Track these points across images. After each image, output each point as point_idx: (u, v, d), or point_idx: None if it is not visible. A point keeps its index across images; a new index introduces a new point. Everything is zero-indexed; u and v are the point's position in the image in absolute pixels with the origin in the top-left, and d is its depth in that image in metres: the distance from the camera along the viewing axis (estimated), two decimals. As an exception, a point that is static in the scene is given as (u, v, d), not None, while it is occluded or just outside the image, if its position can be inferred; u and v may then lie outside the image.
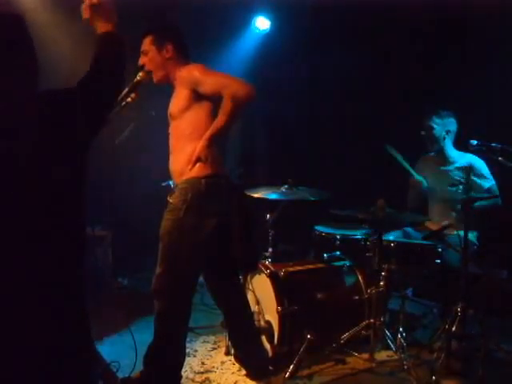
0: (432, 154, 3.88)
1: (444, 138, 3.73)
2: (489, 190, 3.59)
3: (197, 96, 2.51)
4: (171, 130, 2.63)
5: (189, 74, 2.54)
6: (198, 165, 2.48)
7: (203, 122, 2.51)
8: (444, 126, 3.72)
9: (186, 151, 2.52)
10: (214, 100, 2.48)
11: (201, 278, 2.75)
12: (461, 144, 3.71)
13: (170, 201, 2.55)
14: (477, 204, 3.09)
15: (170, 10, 4.41)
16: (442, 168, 3.79)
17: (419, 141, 3.84)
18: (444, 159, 3.79)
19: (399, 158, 3.68)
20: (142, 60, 2.66)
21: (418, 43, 4.54)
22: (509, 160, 3.08)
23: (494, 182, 3.64)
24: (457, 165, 3.73)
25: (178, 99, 2.57)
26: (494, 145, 3.13)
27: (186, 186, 2.51)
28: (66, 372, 1.58)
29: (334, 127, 5.09)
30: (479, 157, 3.66)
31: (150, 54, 2.65)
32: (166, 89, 2.71)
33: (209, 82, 2.48)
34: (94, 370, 1.98)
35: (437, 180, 3.78)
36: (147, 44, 2.66)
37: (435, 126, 3.71)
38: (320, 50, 4.98)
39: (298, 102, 5.21)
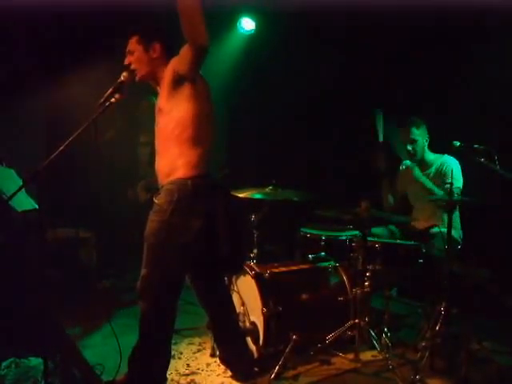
0: (408, 163, 3.90)
1: (424, 146, 3.80)
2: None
3: (182, 88, 2.48)
4: (159, 129, 2.60)
5: (170, 66, 2.53)
6: (184, 166, 2.48)
7: (190, 123, 2.49)
8: (423, 136, 3.79)
9: (172, 153, 2.51)
10: (202, 100, 2.49)
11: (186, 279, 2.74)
12: (440, 144, 3.75)
13: (156, 202, 2.53)
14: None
15: (155, 11, 4.39)
16: (424, 172, 3.82)
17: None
18: (424, 165, 3.84)
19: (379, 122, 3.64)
20: (128, 59, 2.64)
21: (395, 44, 4.55)
22: (490, 161, 3.11)
23: (459, 185, 3.61)
24: (434, 167, 3.79)
25: (164, 93, 2.54)
26: (476, 146, 3.16)
27: (172, 186, 2.50)
28: None
29: (321, 128, 5.10)
30: (458, 158, 3.70)
31: (136, 54, 2.62)
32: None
33: (181, 53, 2.46)
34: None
35: (421, 185, 3.81)
36: (133, 44, 2.64)
37: (417, 138, 3.76)
38: (307, 49, 4.97)
39: (285, 102, 5.21)
